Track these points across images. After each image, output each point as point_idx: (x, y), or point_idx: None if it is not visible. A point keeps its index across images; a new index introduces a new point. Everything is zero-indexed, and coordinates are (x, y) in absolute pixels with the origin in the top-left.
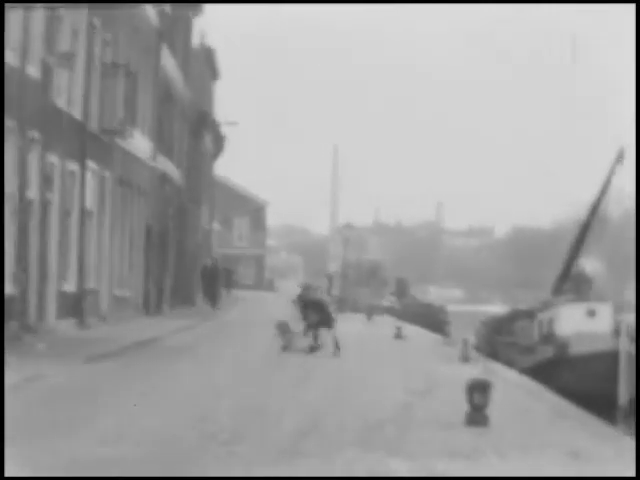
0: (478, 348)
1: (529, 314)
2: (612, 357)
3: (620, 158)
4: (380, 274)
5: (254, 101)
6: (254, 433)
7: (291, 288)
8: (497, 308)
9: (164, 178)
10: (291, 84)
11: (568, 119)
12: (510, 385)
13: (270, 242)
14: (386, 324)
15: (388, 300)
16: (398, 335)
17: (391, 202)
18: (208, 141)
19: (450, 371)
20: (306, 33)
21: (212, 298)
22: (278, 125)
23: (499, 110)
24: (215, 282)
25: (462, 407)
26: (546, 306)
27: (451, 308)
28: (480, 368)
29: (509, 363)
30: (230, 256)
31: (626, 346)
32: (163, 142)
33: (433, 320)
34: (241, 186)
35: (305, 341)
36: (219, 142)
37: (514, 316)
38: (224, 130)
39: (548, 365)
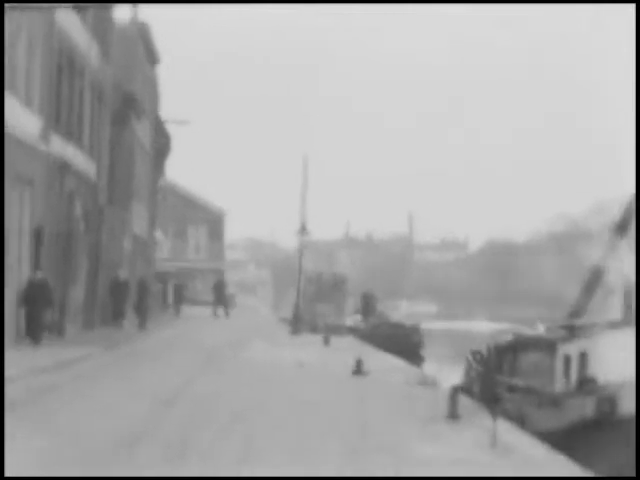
0: (468, 390)
1: (544, 344)
2: None
3: None
4: (343, 289)
5: (218, 103)
6: None
7: (255, 304)
8: (483, 325)
9: (64, 168)
10: (258, 88)
11: (544, 131)
12: None
13: (237, 256)
14: (346, 350)
15: (352, 319)
16: (358, 370)
17: (362, 215)
18: (143, 134)
19: (433, 447)
20: (277, 35)
21: (140, 317)
22: (244, 132)
23: (473, 121)
24: (143, 298)
25: None
26: (573, 332)
27: (425, 325)
28: (475, 433)
29: (521, 421)
30: (185, 269)
31: None
32: (62, 123)
33: (405, 342)
34: (196, 193)
35: None
36: (164, 140)
37: (519, 345)
38: (175, 130)
39: (588, 430)
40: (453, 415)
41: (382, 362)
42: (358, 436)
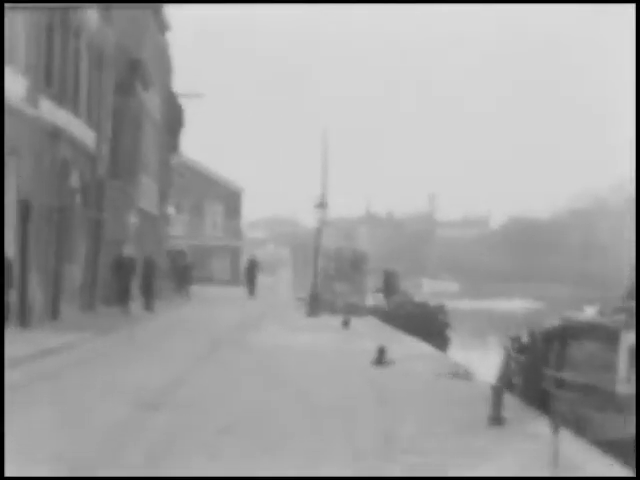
0: (509, 385)
1: (603, 331)
2: None
3: None
4: (364, 266)
5: (236, 78)
6: None
7: (274, 283)
8: (509, 304)
9: (55, 135)
10: (278, 62)
11: (567, 108)
12: None
13: (256, 234)
14: (368, 333)
15: (374, 298)
16: (380, 360)
17: (383, 192)
18: (152, 105)
19: (480, 467)
20: (297, 8)
21: (146, 298)
22: (263, 109)
23: (495, 97)
24: (149, 278)
25: None
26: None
27: (448, 303)
28: (528, 444)
29: (578, 425)
30: (202, 248)
31: None
32: (54, 85)
33: (430, 323)
34: (213, 170)
35: None
36: (177, 113)
37: (569, 332)
38: (192, 105)
39: None
40: (498, 420)
41: (407, 347)
42: (381, 454)
